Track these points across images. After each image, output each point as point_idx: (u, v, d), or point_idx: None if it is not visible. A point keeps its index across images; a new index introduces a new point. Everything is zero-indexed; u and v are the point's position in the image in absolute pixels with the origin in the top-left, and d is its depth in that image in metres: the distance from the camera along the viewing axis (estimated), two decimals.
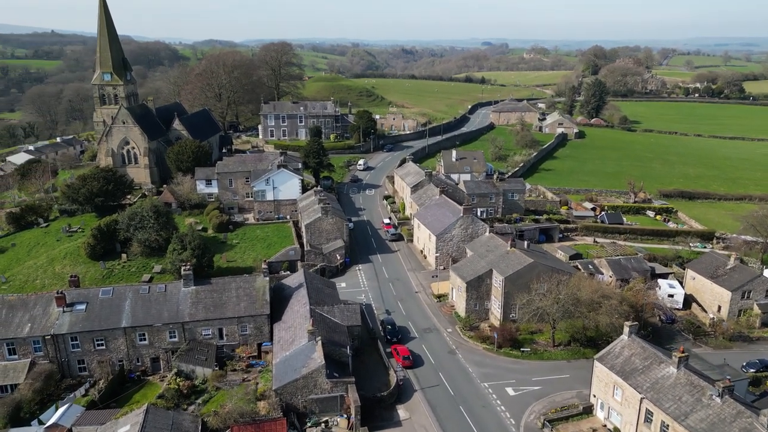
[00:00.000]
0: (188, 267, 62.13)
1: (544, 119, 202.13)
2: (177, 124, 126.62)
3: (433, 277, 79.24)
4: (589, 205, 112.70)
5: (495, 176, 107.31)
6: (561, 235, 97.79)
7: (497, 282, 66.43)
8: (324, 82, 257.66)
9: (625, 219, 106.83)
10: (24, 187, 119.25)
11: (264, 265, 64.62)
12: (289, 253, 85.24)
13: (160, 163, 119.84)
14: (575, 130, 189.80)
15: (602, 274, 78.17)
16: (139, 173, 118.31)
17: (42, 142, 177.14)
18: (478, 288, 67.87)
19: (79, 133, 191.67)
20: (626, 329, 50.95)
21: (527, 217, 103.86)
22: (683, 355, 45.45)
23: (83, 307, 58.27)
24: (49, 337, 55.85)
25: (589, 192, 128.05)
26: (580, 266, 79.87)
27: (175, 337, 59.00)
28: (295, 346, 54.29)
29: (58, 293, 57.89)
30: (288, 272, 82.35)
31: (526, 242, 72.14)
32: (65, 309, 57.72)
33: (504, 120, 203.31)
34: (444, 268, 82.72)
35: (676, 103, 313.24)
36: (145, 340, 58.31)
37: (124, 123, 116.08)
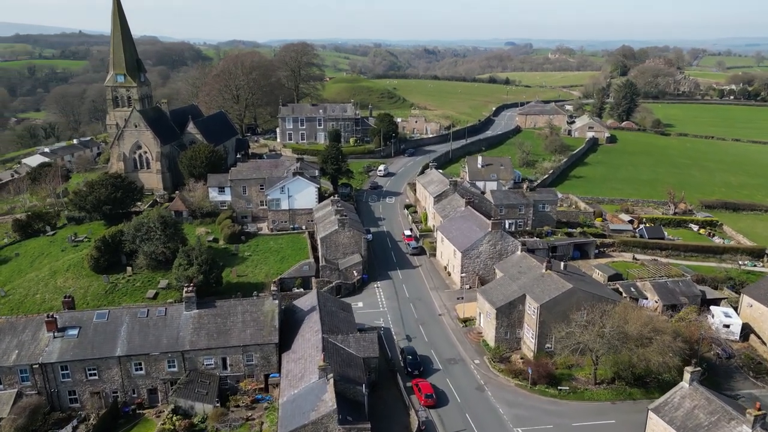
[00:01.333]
0: (190, 288, 56.74)
1: (573, 122, 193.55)
2: (191, 128, 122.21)
3: (458, 299, 72.65)
4: (626, 217, 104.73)
5: (525, 186, 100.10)
6: (597, 251, 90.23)
7: (531, 309, 59.65)
8: (345, 83, 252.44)
9: (666, 233, 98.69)
10: (35, 192, 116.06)
11: (274, 288, 58.89)
12: (303, 268, 79.56)
13: (173, 168, 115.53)
14: (606, 134, 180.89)
15: (646, 299, 70.73)
16: (151, 179, 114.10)
17: (59, 144, 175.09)
18: (509, 315, 61.18)
19: (97, 135, 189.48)
20: (687, 375, 43.83)
21: (559, 230, 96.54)
22: (760, 413, 38.27)
23: (76, 332, 53.30)
24: (37, 366, 50.94)
25: (624, 202, 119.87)
26: (621, 289, 72.54)
27: (174, 366, 53.65)
28: (305, 383, 48.39)
29: (48, 317, 53.00)
30: (301, 289, 76.87)
31: (562, 263, 65.16)
32: (56, 334, 52.81)
33: (531, 123, 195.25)
34: (470, 288, 76.19)
35: (710, 105, 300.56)
36: (141, 370, 53.08)
37: (136, 126, 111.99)
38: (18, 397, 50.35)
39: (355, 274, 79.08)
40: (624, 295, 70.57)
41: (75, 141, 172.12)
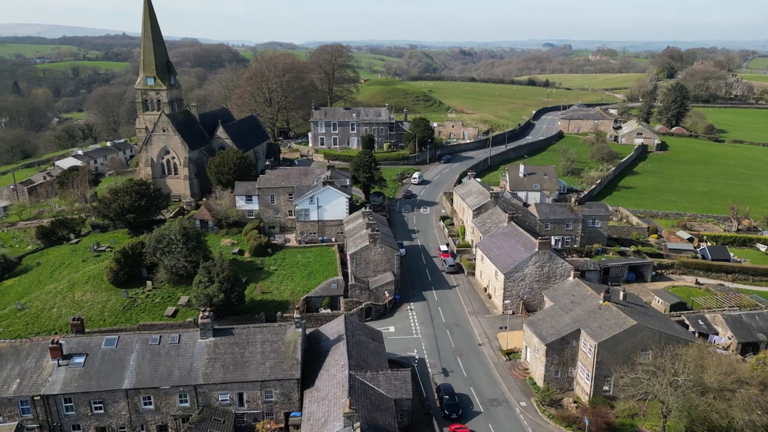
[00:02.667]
0: (206, 314, 51.63)
1: (620, 128, 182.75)
2: (221, 132, 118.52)
3: (501, 328, 65.59)
4: (685, 235, 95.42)
5: (573, 199, 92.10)
6: (654, 273, 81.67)
7: (587, 347, 52.34)
8: (379, 85, 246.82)
9: (731, 253, 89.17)
10: (64, 197, 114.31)
11: (297, 314, 53.26)
12: (330, 286, 73.93)
13: (202, 174, 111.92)
14: (656, 141, 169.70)
15: (717, 334, 62.30)
16: (179, 185, 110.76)
17: (94, 146, 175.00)
18: (560, 352, 53.98)
19: (131, 137, 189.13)
20: None
21: (611, 247, 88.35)
22: None
23: (82, 360, 48.84)
24: (39, 397, 46.63)
25: (680, 216, 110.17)
26: (687, 321, 64.27)
27: (186, 401, 48.61)
28: (328, 430, 42.50)
29: (53, 343, 48.70)
30: (328, 310, 71.37)
31: (621, 292, 57.48)
32: (61, 362, 48.48)
33: (574, 128, 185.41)
34: (513, 313, 69.11)
35: (765, 110, 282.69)
36: (150, 404, 48.22)
37: (164, 131, 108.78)
38: (18, 431, 46.10)
39: (387, 294, 72.99)
40: (691, 329, 62.31)
41: (109, 143, 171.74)
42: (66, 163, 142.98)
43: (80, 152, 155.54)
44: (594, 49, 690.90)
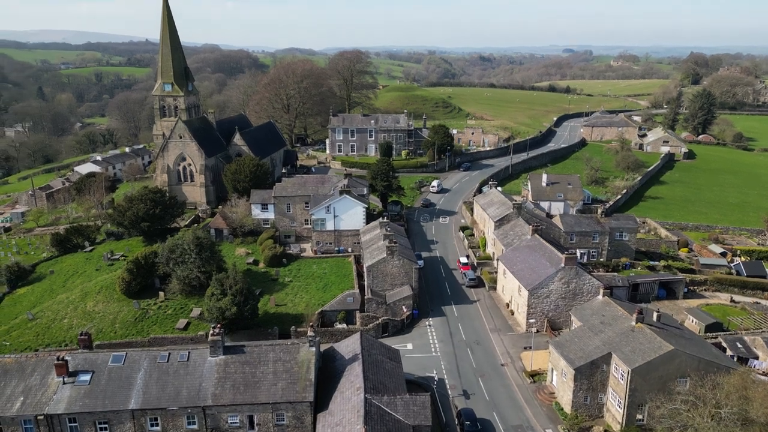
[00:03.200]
0: (217, 331, 49.50)
1: (645, 135, 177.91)
2: (237, 139, 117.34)
3: (525, 348, 62.40)
4: (718, 249, 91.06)
5: (600, 211, 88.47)
6: (685, 290, 77.66)
7: (619, 373, 49.01)
8: (398, 92, 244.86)
9: (767, 269, 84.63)
10: (81, 203, 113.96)
11: (311, 332, 50.80)
12: (346, 299, 71.51)
13: (218, 181, 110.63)
14: (683, 149, 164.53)
15: (757, 358, 58.35)
16: (195, 192, 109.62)
17: (113, 152, 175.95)
18: (590, 377, 50.70)
19: (150, 143, 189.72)
20: None
21: (639, 262, 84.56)
22: None
23: (88, 377, 46.99)
24: (42, 417, 44.86)
25: (711, 229, 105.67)
26: (724, 344, 60.42)
27: (194, 423, 46.43)
28: None
29: (59, 359, 46.97)
30: (344, 325, 68.94)
31: (655, 312, 53.98)
32: (66, 379, 46.68)
33: (597, 135, 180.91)
34: (537, 331, 65.85)
35: None
36: (157, 425, 46.14)
37: (180, 137, 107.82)
38: None
39: (405, 309, 70.28)
40: (729, 352, 58.49)
41: (128, 149, 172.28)
42: (85, 168, 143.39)
43: (99, 158, 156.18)
44: (615, 54, 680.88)
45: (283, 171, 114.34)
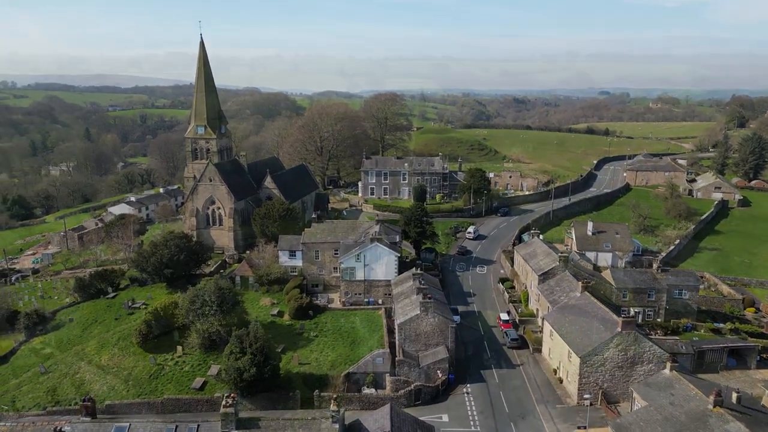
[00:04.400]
0: (230, 401, 44.18)
1: (695, 181, 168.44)
2: (268, 182, 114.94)
3: (579, 428, 54.69)
4: None
5: (655, 265, 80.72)
6: (758, 358, 68.58)
7: None
8: (432, 134, 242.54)
9: None
10: (109, 245, 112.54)
11: (334, 407, 44.93)
12: (375, 361, 65.48)
13: (247, 225, 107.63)
14: (737, 196, 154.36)
15: None
16: (223, 236, 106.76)
17: (148, 192, 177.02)
18: None
19: (182, 184, 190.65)
20: None
21: (701, 323, 75.98)
22: None
23: None
24: None
25: None
26: None
27: None
28: None
29: (55, 430, 42.40)
30: (372, 390, 62.77)
31: (734, 393, 46.14)
32: None
33: (642, 180, 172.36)
34: (591, 404, 58.08)
35: None
36: None
37: (210, 180, 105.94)
38: None
39: (440, 374, 63.68)
40: None
41: (161, 189, 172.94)
42: (118, 209, 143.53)
43: (133, 198, 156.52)
44: (653, 96, 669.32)
45: (314, 216, 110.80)
